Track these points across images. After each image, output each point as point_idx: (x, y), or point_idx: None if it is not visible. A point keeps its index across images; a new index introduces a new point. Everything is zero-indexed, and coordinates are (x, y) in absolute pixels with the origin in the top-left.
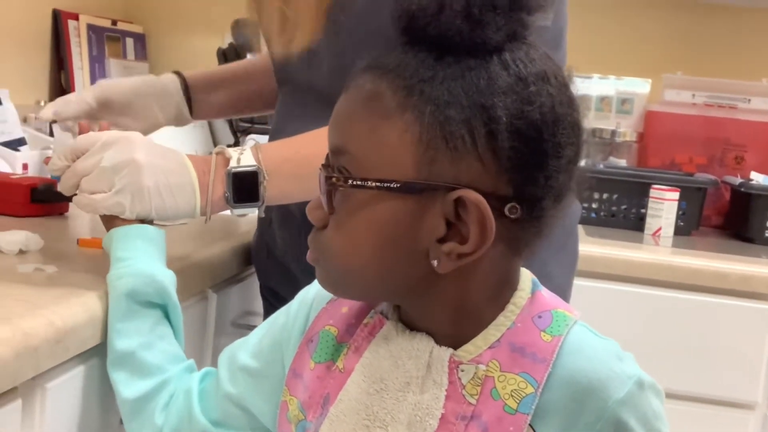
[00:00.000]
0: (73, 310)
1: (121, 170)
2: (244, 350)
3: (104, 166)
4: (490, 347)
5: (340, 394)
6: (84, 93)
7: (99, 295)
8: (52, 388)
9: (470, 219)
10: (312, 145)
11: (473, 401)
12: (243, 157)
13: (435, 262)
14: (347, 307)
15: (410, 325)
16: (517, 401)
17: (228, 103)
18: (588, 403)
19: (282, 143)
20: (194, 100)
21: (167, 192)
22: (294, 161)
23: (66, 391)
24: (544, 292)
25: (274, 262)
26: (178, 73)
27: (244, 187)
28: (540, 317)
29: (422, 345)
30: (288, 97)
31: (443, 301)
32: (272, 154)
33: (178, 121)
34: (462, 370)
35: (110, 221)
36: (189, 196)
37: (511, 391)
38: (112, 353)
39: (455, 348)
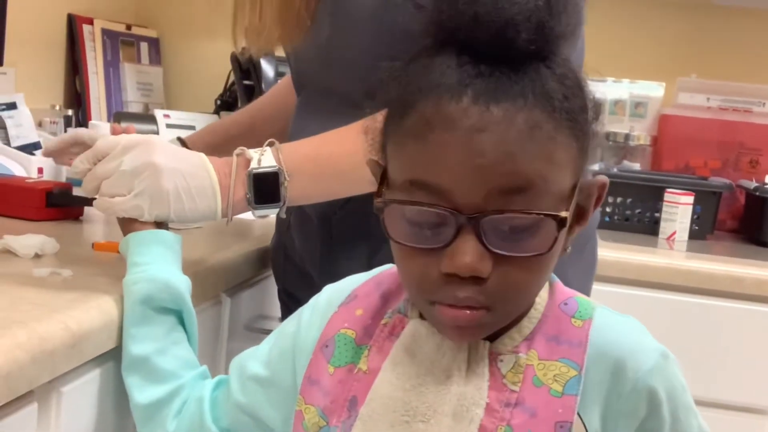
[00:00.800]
0: (88, 314)
1: (140, 173)
2: (254, 359)
3: (124, 169)
4: (525, 339)
5: (370, 394)
6: None
7: (114, 299)
8: (68, 391)
9: (590, 201)
10: (333, 144)
11: (516, 388)
12: (264, 158)
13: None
14: (362, 309)
15: None
16: (562, 384)
17: None
18: (621, 375)
19: (302, 143)
20: None
21: (187, 195)
22: (315, 161)
23: (81, 395)
24: (558, 282)
25: (291, 265)
26: (179, 139)
27: (266, 188)
28: (566, 304)
29: None
30: (305, 100)
31: None
32: (293, 154)
33: None
34: (501, 361)
35: (128, 225)
36: (210, 198)
37: (554, 376)
38: (127, 358)
39: (490, 342)
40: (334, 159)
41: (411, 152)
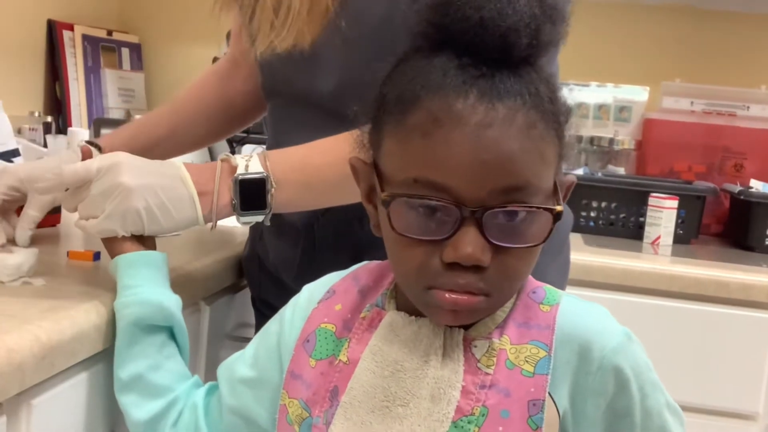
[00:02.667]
0: (60, 324)
1: (109, 195)
2: (241, 362)
3: (93, 194)
4: (498, 326)
5: (351, 383)
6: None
7: (87, 309)
8: (38, 404)
9: (561, 197)
10: (320, 154)
11: (490, 371)
12: (251, 164)
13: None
14: (340, 304)
15: (411, 313)
16: (533, 365)
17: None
18: (588, 355)
19: (290, 151)
20: None
21: (161, 209)
22: (302, 170)
23: (52, 408)
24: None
25: (266, 273)
26: (93, 144)
27: (252, 195)
28: (534, 293)
29: (435, 327)
30: (282, 110)
31: None
32: (280, 161)
33: None
34: (475, 346)
35: (110, 244)
36: (188, 208)
37: (525, 357)
38: (120, 379)
39: (464, 329)
40: (323, 169)
41: (416, 149)
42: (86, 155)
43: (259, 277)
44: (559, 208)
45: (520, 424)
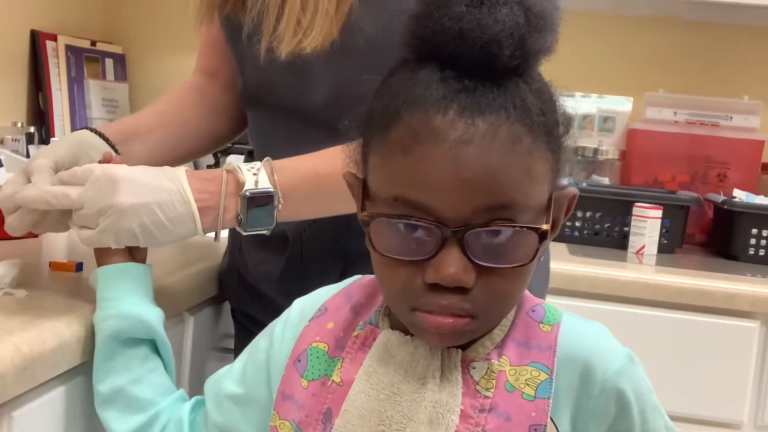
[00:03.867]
0: (41, 336)
1: (103, 213)
2: (228, 378)
3: (87, 212)
4: (496, 346)
5: (345, 405)
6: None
7: (69, 320)
8: (19, 416)
9: (562, 212)
10: (328, 164)
11: (489, 394)
12: (260, 179)
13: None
14: (333, 322)
15: (406, 332)
16: (534, 388)
17: (145, 156)
18: (590, 377)
19: (297, 162)
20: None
21: (159, 227)
22: (311, 181)
23: (33, 420)
24: (526, 290)
25: (245, 286)
26: (92, 129)
27: (259, 211)
28: (534, 311)
29: (431, 348)
30: (267, 121)
31: None
32: (288, 174)
33: None
34: (473, 368)
35: (99, 253)
36: (188, 225)
37: (526, 380)
38: (101, 393)
39: (462, 350)
40: (329, 180)
41: (396, 166)
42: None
43: (239, 289)
44: (545, 227)
45: None
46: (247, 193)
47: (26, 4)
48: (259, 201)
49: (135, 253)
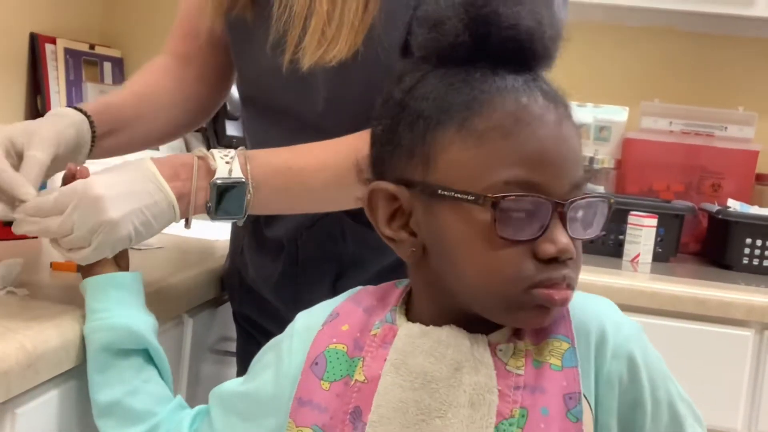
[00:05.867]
0: (44, 333)
1: (95, 231)
2: (236, 391)
3: (78, 234)
4: (514, 331)
5: (376, 400)
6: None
7: (72, 318)
8: (23, 413)
9: None
10: (303, 158)
11: (521, 372)
12: (233, 168)
13: None
14: (347, 324)
15: (424, 324)
16: (560, 358)
17: (110, 151)
18: (604, 343)
19: (272, 154)
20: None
21: (146, 226)
22: (285, 175)
23: (37, 417)
24: None
25: (245, 288)
26: (85, 113)
27: (228, 199)
28: None
29: (457, 334)
30: (261, 120)
31: None
32: (262, 165)
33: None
34: (500, 350)
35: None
36: (169, 217)
37: (550, 351)
38: (97, 406)
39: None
40: (305, 175)
41: (497, 150)
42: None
43: (240, 292)
44: (612, 199)
45: (560, 419)
46: (218, 181)
47: (26, 7)
48: (230, 190)
49: (119, 260)
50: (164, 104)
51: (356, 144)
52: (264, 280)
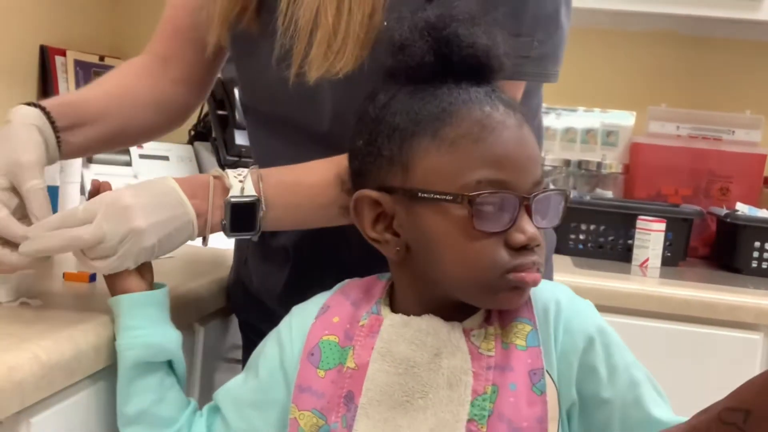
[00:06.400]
0: (58, 344)
1: (122, 240)
2: (244, 387)
3: (108, 244)
4: (485, 318)
5: (366, 385)
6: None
7: (85, 329)
8: (37, 422)
9: None
10: (313, 175)
11: (492, 353)
12: (246, 186)
13: None
14: (338, 317)
15: (406, 314)
16: (524, 339)
17: (82, 148)
18: (558, 321)
19: (284, 172)
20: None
21: (168, 239)
22: (295, 191)
23: (51, 426)
24: None
25: (250, 298)
26: (39, 107)
27: (243, 217)
28: None
29: (436, 323)
30: (265, 132)
31: None
32: (273, 183)
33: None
34: (473, 335)
35: (112, 279)
36: (188, 232)
37: (515, 333)
38: (125, 415)
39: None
40: (315, 190)
41: (470, 154)
42: (95, 190)
43: (245, 302)
44: (568, 191)
45: (527, 393)
46: (231, 200)
47: (36, 20)
48: (244, 208)
49: (144, 273)
50: (139, 103)
51: None
52: (269, 289)
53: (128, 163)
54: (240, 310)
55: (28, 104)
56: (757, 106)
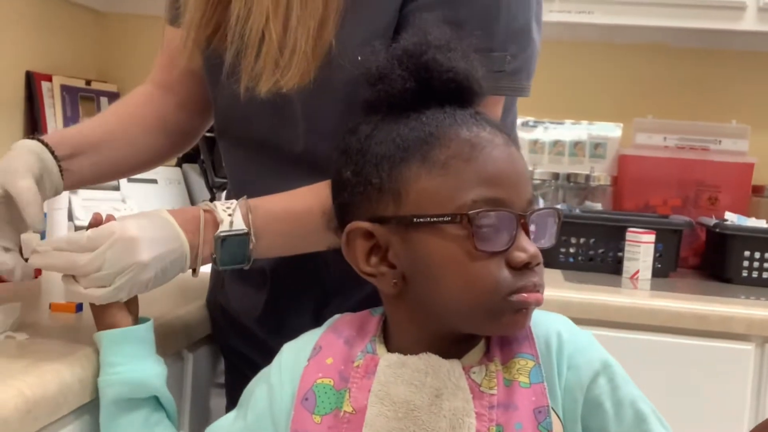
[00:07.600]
0: (43, 378)
1: (123, 271)
2: (232, 425)
3: (106, 272)
4: (485, 353)
5: (365, 430)
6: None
7: (70, 361)
8: None
9: None
10: (302, 202)
11: (494, 392)
12: (234, 220)
13: None
14: (331, 357)
15: (403, 353)
16: (527, 375)
17: (89, 175)
18: (561, 356)
19: (272, 201)
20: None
21: (164, 272)
22: (285, 220)
23: None
24: None
25: (229, 321)
26: (39, 140)
27: (233, 250)
28: None
29: (434, 361)
30: (240, 154)
31: None
32: (261, 214)
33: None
34: (474, 372)
35: (98, 309)
36: (182, 265)
37: (517, 370)
38: None
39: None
40: (304, 218)
41: (462, 174)
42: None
43: (224, 325)
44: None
45: None
46: (221, 235)
47: (21, 46)
48: (233, 240)
49: (130, 306)
50: (142, 130)
51: None
52: (247, 311)
53: (116, 188)
54: (219, 333)
55: (27, 138)
56: (742, 115)
